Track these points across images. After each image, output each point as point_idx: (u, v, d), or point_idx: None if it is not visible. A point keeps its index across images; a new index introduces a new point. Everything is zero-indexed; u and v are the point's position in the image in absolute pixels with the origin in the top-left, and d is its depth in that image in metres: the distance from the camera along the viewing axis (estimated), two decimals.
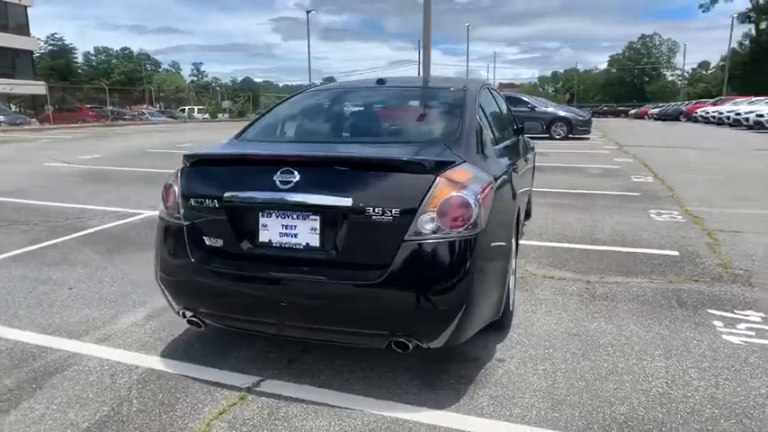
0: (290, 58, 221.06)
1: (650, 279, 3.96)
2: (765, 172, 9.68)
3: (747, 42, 55.24)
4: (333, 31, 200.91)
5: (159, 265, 2.67)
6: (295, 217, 2.34)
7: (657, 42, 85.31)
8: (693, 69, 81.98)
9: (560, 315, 3.33)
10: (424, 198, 2.19)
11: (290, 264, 2.36)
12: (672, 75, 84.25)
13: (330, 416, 2.31)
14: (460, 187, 2.26)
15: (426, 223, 2.20)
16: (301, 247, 2.34)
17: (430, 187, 2.21)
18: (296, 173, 2.31)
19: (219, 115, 47.04)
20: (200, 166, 2.63)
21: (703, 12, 70.75)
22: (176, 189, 2.59)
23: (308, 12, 51.59)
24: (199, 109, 48.52)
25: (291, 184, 2.30)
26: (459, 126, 2.79)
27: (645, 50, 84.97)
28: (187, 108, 49.08)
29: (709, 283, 3.86)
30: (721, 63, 64.35)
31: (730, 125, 24.98)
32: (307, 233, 2.33)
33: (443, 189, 2.23)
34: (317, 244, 2.32)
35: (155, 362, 2.83)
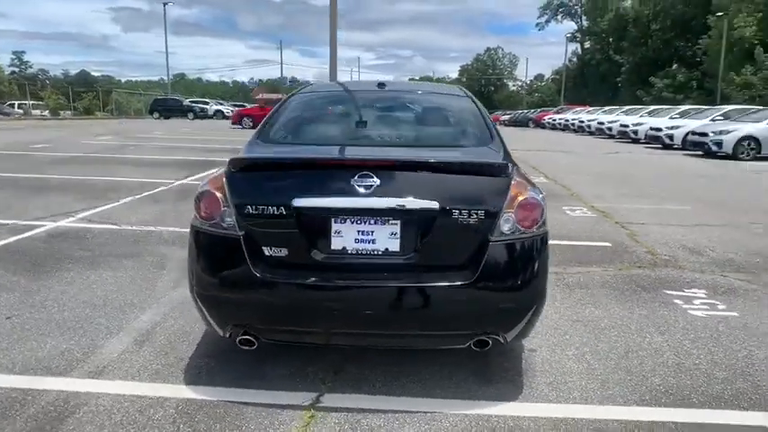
0: (131, 51, 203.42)
1: (604, 268, 4.48)
2: (625, 172, 11.36)
3: (575, 59, 63.76)
4: (183, 25, 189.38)
5: (198, 281, 2.39)
6: (373, 222, 2.27)
7: (501, 55, 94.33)
8: (531, 81, 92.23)
9: (554, 305, 3.63)
10: (505, 199, 2.29)
11: (368, 271, 2.29)
12: (514, 85, 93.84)
13: (416, 423, 2.29)
14: (528, 188, 2.40)
15: (505, 224, 2.29)
16: (380, 252, 2.28)
17: (508, 189, 2.31)
18: (375, 177, 2.25)
19: (62, 112, 41.38)
20: (254, 171, 2.42)
21: (539, 30, 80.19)
22: (221, 196, 2.34)
23: (164, 3, 47.98)
24: (34, 104, 42.23)
25: (372, 189, 2.24)
26: (489, 130, 2.93)
27: (491, 62, 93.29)
28: (17, 103, 42.45)
29: (650, 268, 4.49)
30: (553, 76, 73.37)
31: (574, 131, 28.70)
32: (386, 238, 2.28)
33: (517, 191, 2.34)
34: (397, 249, 2.28)
35: (183, 390, 2.53)
